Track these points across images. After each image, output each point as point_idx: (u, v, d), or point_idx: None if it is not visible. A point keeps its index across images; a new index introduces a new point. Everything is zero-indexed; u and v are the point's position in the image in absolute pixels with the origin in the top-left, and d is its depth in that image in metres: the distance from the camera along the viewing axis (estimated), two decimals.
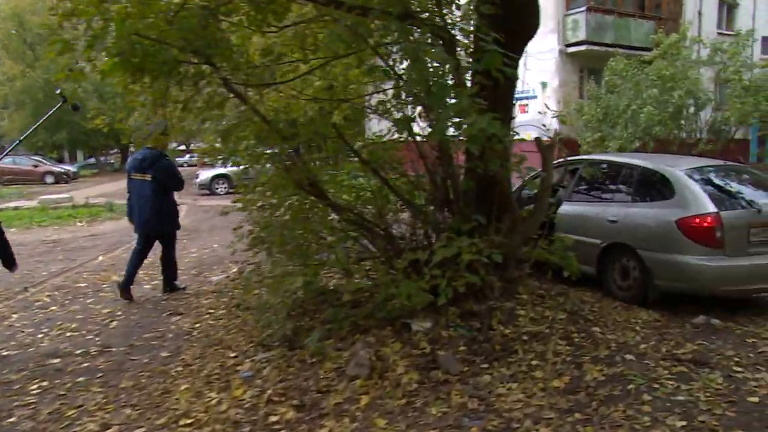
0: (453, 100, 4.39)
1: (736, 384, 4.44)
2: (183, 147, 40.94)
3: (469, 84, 5.26)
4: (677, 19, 21.25)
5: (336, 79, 5.66)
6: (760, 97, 15.65)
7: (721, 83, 17.51)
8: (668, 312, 6.19)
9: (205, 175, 24.94)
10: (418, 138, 5.57)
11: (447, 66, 4.72)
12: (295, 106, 6.11)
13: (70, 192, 26.17)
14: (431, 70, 4.54)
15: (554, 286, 6.49)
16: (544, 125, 5.97)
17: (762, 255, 6.02)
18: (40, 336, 6.37)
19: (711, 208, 5.92)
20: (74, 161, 51.54)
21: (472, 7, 5.51)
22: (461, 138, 5.23)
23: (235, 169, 6.54)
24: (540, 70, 21.11)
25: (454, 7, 5.49)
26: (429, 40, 4.90)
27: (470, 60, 5.29)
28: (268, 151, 5.53)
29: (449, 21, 5.45)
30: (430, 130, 5.00)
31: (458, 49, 5.46)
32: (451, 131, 4.91)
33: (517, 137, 5.86)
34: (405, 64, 5.08)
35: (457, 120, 4.07)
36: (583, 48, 20.08)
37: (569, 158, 8.04)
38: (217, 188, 24.61)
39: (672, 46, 16.50)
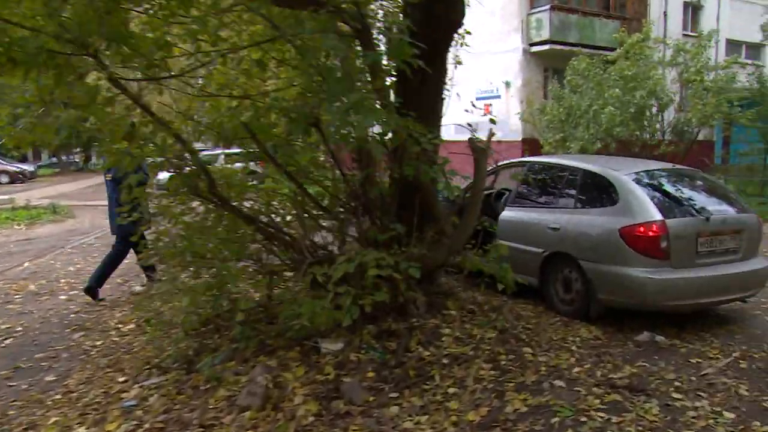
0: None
1: (673, 415, 3.95)
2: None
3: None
4: (642, 19, 20.95)
5: (236, 73, 5.04)
6: (721, 99, 15.36)
7: (684, 84, 17.21)
8: (612, 328, 5.71)
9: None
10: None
11: (358, 59, 4.18)
12: (214, 107, 5.49)
13: (24, 192, 25.20)
14: (334, 62, 3.99)
15: (492, 299, 5.99)
16: (470, 124, 5.35)
17: (711, 266, 5.57)
18: None
19: (656, 215, 5.44)
20: (38, 160, 50.01)
21: None
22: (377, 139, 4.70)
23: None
24: (504, 69, 20.73)
25: None
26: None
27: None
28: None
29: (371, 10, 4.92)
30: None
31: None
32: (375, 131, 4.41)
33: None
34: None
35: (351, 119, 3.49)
36: (546, 47, 19.69)
37: (513, 160, 7.53)
38: None
39: (634, 46, 16.15)
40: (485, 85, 21.58)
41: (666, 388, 4.36)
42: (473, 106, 7.19)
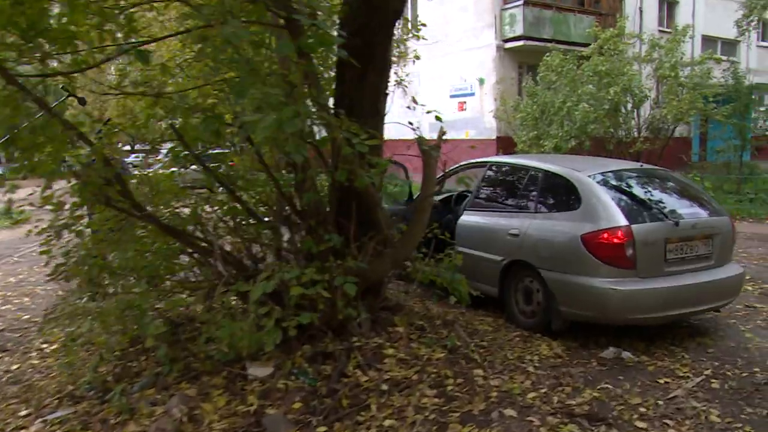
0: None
1: None
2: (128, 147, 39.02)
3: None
4: (617, 14, 20.63)
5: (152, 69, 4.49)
6: (696, 95, 15.02)
7: (659, 80, 16.87)
8: (575, 343, 5.27)
9: None
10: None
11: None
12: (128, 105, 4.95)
13: None
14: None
15: (447, 311, 5.53)
16: (411, 123, 4.88)
17: (681, 275, 5.14)
18: None
19: (621, 220, 4.99)
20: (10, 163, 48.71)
21: None
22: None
23: None
24: (477, 65, 20.30)
25: None
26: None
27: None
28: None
29: None
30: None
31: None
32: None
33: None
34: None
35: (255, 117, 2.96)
36: (520, 43, 19.26)
37: (472, 161, 7.06)
38: None
39: (608, 41, 15.79)
40: (459, 82, 21.14)
41: (629, 415, 3.92)
42: (414, 102, 6.65)
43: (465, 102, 21.09)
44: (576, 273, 5.11)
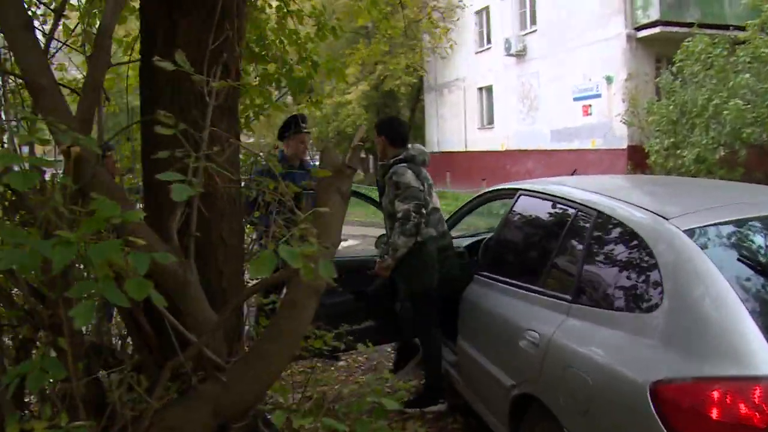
0: None
1: None
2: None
3: None
4: None
5: None
6: None
7: None
8: None
9: None
10: None
11: None
12: None
13: None
14: None
15: None
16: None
17: None
18: None
19: (763, 365, 1.97)
20: None
21: None
22: None
23: None
24: (604, 61, 16.76)
25: None
26: None
27: None
28: None
29: None
30: None
31: None
32: None
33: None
34: None
35: None
36: (657, 30, 15.45)
37: (500, 186, 4.14)
38: None
39: None
40: (583, 81, 17.70)
41: None
42: None
43: (590, 105, 17.60)
44: None
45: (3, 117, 2.70)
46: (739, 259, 2.31)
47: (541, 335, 2.76)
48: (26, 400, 2.43)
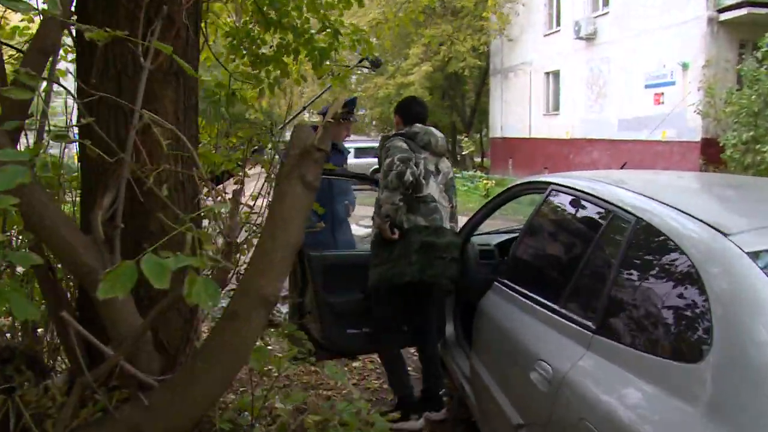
0: None
1: None
2: None
3: None
4: None
5: None
6: None
7: None
8: None
9: None
10: None
11: None
12: None
13: None
14: None
15: None
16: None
17: None
18: None
19: None
20: None
21: None
22: None
23: None
24: (681, 46, 15.55)
25: None
26: None
27: None
28: None
29: None
30: None
31: None
32: None
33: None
34: None
35: None
36: (743, 12, 14.15)
37: (529, 179, 3.52)
38: None
39: None
40: (657, 68, 16.52)
41: None
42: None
43: (662, 93, 16.42)
44: None
45: None
46: None
47: (555, 370, 2.19)
48: None
